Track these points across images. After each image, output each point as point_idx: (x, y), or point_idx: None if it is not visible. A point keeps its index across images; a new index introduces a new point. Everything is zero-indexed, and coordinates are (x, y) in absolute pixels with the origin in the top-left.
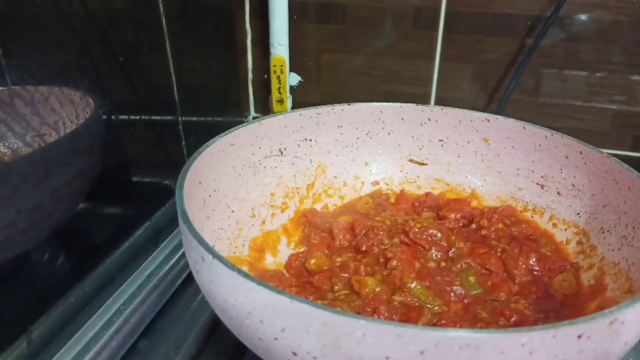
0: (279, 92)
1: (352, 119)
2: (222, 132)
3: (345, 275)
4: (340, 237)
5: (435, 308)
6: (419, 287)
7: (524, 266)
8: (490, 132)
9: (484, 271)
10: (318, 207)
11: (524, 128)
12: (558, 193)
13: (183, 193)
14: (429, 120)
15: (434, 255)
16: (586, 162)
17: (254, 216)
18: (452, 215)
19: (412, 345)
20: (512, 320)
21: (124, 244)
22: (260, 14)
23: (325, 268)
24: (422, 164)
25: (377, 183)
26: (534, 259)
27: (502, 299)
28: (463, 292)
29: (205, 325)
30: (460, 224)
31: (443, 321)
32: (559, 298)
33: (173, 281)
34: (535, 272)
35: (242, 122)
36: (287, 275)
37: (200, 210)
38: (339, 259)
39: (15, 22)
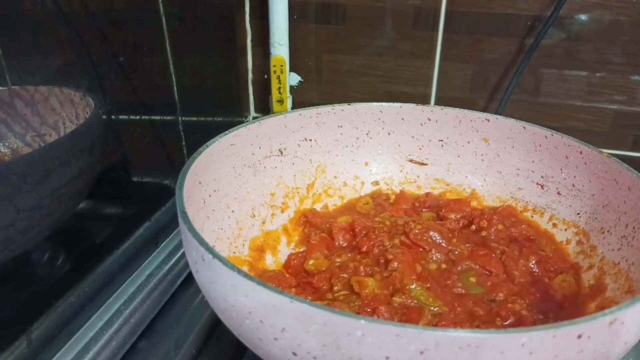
0: (279, 92)
1: (352, 119)
2: (222, 132)
3: (345, 275)
4: (340, 237)
5: (436, 309)
6: (418, 288)
7: (524, 268)
8: (490, 132)
9: (484, 272)
10: (318, 207)
11: (524, 128)
12: (558, 193)
13: (183, 193)
14: (429, 120)
15: (434, 257)
16: (586, 162)
17: (254, 216)
18: (452, 216)
19: (412, 345)
20: (508, 321)
21: (124, 244)
22: (260, 14)
23: (323, 269)
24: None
25: (377, 183)
26: (533, 261)
27: (501, 299)
28: (464, 292)
29: (205, 325)
30: (460, 225)
31: (443, 322)
32: (558, 299)
33: (173, 281)
34: (535, 273)
35: (242, 122)
36: (287, 275)
37: (200, 210)
38: (338, 260)
39: (15, 22)
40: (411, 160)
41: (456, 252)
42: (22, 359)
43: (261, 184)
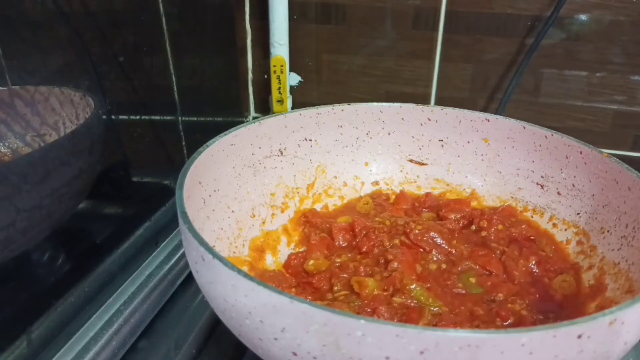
0: (279, 92)
1: (352, 119)
2: (222, 132)
3: (345, 275)
4: (340, 237)
5: (436, 309)
6: (418, 288)
7: (524, 268)
8: (490, 132)
9: (484, 272)
10: (318, 207)
11: (524, 128)
12: (558, 193)
13: (183, 193)
14: (429, 120)
15: (434, 257)
16: (586, 162)
17: (254, 216)
18: (452, 216)
19: (412, 345)
20: (508, 321)
21: (124, 244)
22: (260, 14)
23: (323, 269)
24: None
25: (377, 183)
26: (533, 261)
27: (501, 299)
28: (464, 292)
29: (205, 325)
30: (460, 225)
31: (443, 322)
32: (558, 299)
33: (173, 281)
34: (535, 273)
35: (242, 122)
36: (287, 275)
37: (200, 210)
38: (338, 260)
39: (15, 22)
40: (411, 160)
41: (456, 253)
42: (22, 359)
43: (261, 184)
